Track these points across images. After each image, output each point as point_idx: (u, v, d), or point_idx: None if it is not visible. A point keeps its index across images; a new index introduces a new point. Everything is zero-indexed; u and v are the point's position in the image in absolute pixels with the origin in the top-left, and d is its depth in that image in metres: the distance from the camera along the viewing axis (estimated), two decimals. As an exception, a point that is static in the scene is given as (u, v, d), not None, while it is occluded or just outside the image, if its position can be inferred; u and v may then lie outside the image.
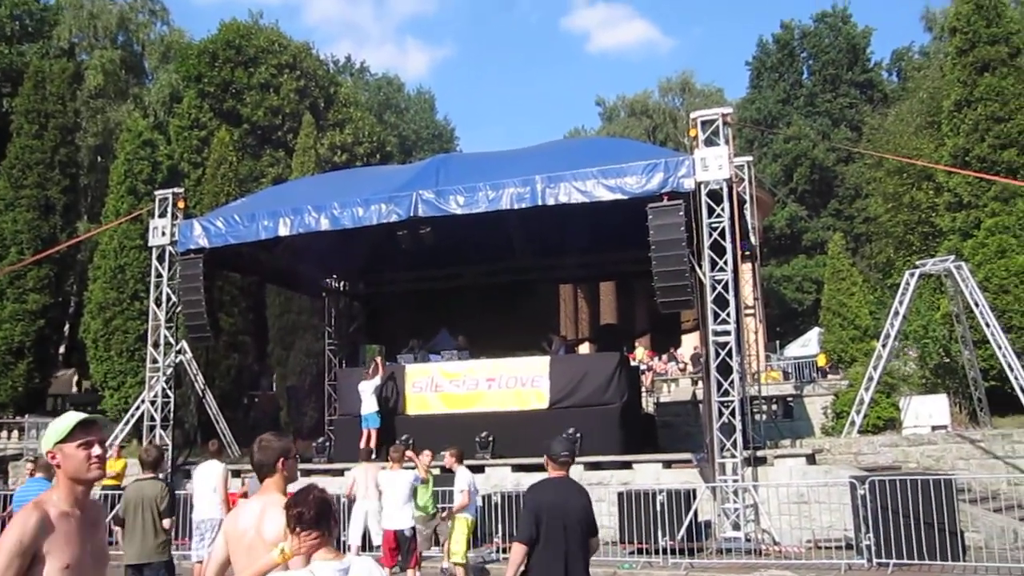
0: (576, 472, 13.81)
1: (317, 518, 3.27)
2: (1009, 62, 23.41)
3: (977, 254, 22.08)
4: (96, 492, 13.97)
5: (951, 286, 18.81)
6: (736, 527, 12.77)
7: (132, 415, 20.19)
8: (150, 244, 17.40)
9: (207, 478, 10.19)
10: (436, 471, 11.82)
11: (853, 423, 18.79)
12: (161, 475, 8.16)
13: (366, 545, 11.31)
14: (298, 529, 3.26)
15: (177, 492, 10.63)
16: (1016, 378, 17.13)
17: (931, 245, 27.15)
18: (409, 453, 11.67)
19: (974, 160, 22.88)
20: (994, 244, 22.06)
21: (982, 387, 19.45)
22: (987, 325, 17.62)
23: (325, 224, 15.25)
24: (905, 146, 31.09)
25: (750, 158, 18.70)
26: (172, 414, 17.28)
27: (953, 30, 25.01)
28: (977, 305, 17.74)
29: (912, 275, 18.68)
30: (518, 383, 16.25)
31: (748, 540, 12.59)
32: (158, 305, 17.21)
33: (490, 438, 15.53)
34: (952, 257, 18.88)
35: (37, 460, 9.63)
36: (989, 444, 16.18)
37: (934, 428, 19.07)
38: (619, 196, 13.70)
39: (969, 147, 23.32)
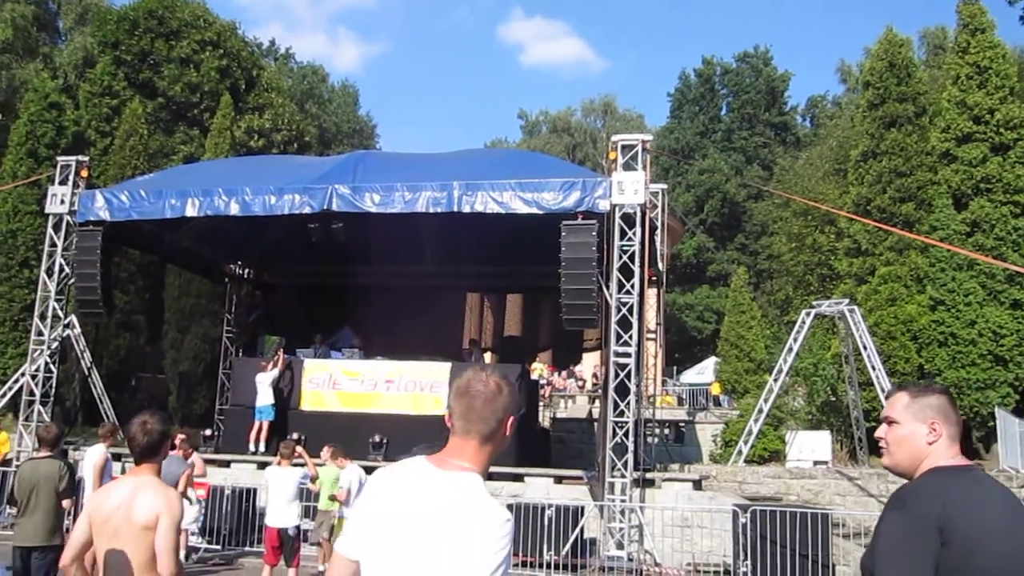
0: (467, 481, 13.78)
1: None
2: (915, 120, 24.58)
3: (869, 300, 23.05)
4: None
5: (843, 328, 19.57)
6: (620, 546, 12.95)
7: (10, 388, 19.29)
8: (47, 211, 16.67)
9: (94, 462, 9.90)
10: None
11: (740, 452, 19.31)
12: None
13: None
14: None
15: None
16: (895, 421, 17.89)
17: (828, 287, 28.23)
18: (299, 450, 11.47)
19: (875, 210, 23.90)
20: (886, 292, 23.07)
21: (863, 427, 20.26)
22: (873, 368, 18.38)
23: (235, 209, 14.87)
24: (812, 190, 32.27)
25: (665, 186, 19.11)
26: (54, 390, 16.54)
27: (866, 84, 26.14)
28: (865, 348, 18.49)
29: (808, 314, 19.35)
30: (417, 387, 16.14)
31: (631, 560, 12.78)
32: (49, 275, 16.50)
33: (384, 440, 15.38)
34: (846, 300, 19.66)
35: None
36: (865, 482, 16.84)
37: (816, 463, 19.77)
38: (535, 210, 13.78)
39: (871, 197, 24.36)
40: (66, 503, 7.03)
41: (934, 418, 2.59)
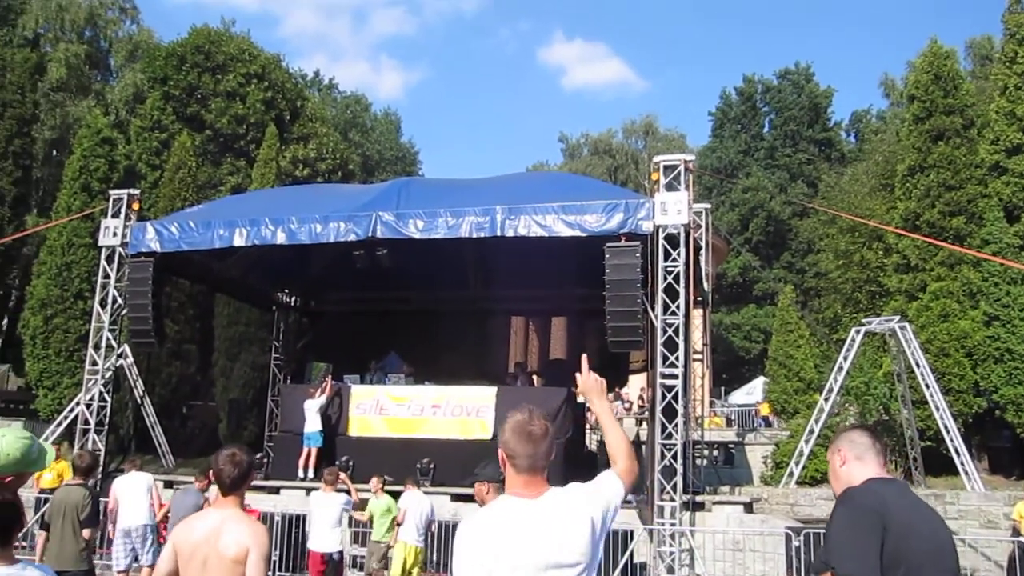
0: (515, 505, 13.70)
1: None
2: (962, 133, 24.16)
3: (921, 316, 22.61)
4: (31, 495, 13.56)
5: (894, 346, 19.22)
6: (671, 571, 12.78)
7: (66, 417, 19.69)
8: (100, 244, 17.06)
9: (135, 487, 10.07)
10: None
11: (791, 474, 19.00)
12: (90, 482, 7.97)
13: None
14: None
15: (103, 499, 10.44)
16: (951, 440, 17.51)
17: (877, 304, 27.76)
18: (343, 476, 11.56)
19: (924, 225, 23.50)
20: (938, 308, 22.62)
21: (918, 447, 19.84)
22: (927, 386, 18.02)
23: (282, 238, 15.09)
24: (858, 206, 31.84)
25: (708, 205, 18.98)
26: (108, 419, 16.86)
27: (912, 97, 25.78)
28: (918, 366, 18.13)
29: (858, 332, 19.05)
30: (463, 412, 16.16)
31: (681, 585, 12.62)
32: (103, 306, 16.85)
33: (431, 465, 15.40)
34: (897, 317, 19.32)
35: None
36: (922, 504, 16.42)
37: (870, 484, 19.34)
38: (578, 233, 13.78)
39: (920, 212, 23.95)
40: (86, 533, 7.16)
41: (840, 446, 3.25)
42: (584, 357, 3.26)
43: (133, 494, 10.04)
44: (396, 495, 11.62)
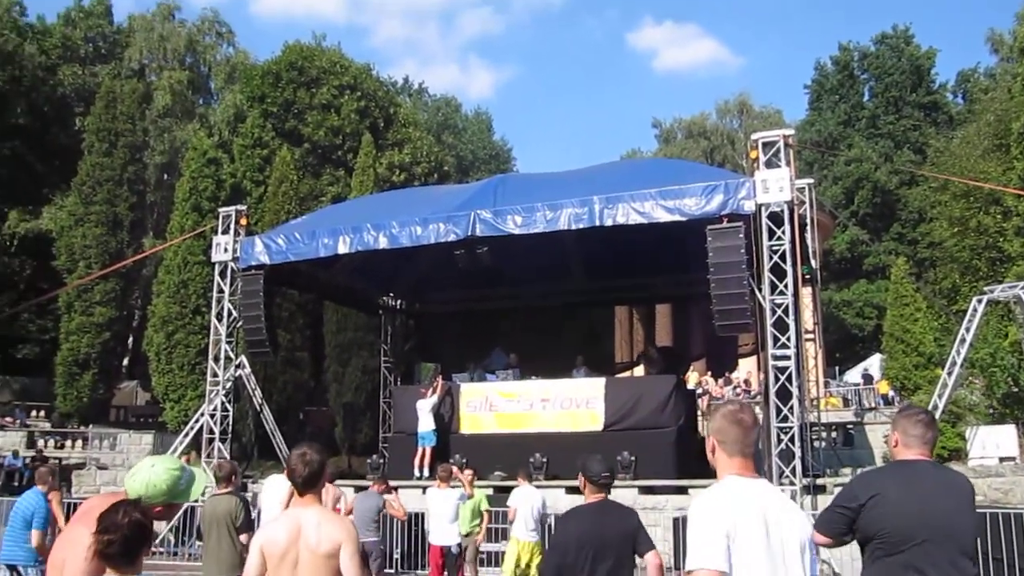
0: (630, 496, 13.68)
1: (126, 547, 2.72)
2: (1082, 84, 22.79)
3: (1048, 281, 21.43)
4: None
5: (1020, 313, 18.29)
6: (795, 556, 12.47)
7: (192, 427, 20.55)
8: (213, 260, 17.74)
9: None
10: (489, 490, 11.80)
11: (916, 452, 18.28)
12: (240, 490, 8.24)
13: None
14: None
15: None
16: (1089, 409, 16.55)
17: (999, 271, 26.47)
18: (456, 471, 11.72)
19: (1045, 184, 22.28)
20: (1066, 270, 21.42)
21: (1052, 418, 18.82)
22: (1058, 354, 17.07)
23: (384, 242, 15.38)
24: (972, 169, 30.36)
25: (811, 180, 18.45)
26: (231, 427, 17.53)
27: (1022, 51, 24.47)
28: (1048, 333, 17.20)
29: (979, 301, 18.20)
30: (573, 404, 16.15)
31: (807, 570, 12.29)
32: (219, 320, 17.50)
33: (544, 459, 15.44)
34: (1021, 284, 18.36)
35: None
36: (1060, 477, 15.61)
37: (1002, 460, 18.49)
38: (678, 218, 13.59)
39: (1039, 171, 22.73)
40: (243, 538, 7.41)
41: (895, 431, 3.92)
42: None
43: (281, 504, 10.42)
44: (508, 491, 11.69)
